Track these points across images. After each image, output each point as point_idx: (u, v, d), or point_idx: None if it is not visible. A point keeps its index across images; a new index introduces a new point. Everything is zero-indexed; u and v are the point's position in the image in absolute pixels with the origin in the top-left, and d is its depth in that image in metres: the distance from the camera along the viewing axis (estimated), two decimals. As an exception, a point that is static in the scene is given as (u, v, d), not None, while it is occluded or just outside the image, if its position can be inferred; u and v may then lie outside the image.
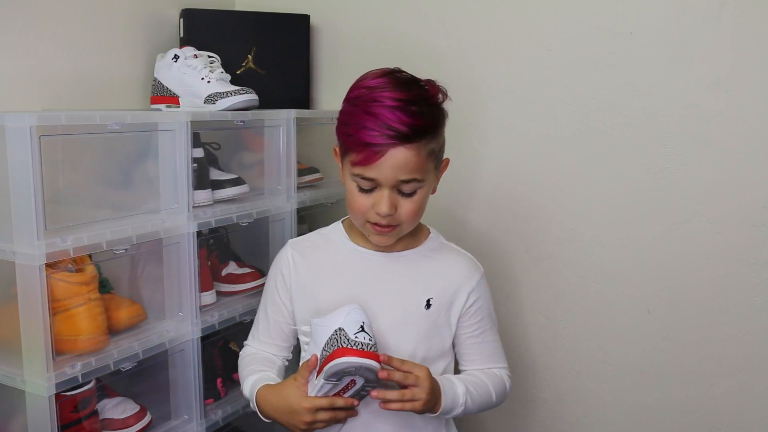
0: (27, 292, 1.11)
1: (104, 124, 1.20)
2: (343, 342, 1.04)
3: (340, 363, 1.02)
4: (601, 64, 1.52)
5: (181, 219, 1.34)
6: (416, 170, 1.09)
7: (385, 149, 1.06)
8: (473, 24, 1.66)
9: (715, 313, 1.48)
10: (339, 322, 1.06)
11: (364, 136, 1.07)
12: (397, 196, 1.11)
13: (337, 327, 1.06)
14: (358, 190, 1.13)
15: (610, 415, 1.62)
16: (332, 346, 1.05)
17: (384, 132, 1.06)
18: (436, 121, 1.12)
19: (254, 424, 1.63)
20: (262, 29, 1.74)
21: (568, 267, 1.62)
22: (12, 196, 1.09)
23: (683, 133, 1.47)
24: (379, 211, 1.11)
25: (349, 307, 1.08)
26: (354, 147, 1.10)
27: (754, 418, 1.47)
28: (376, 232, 1.15)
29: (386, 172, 1.08)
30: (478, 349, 1.24)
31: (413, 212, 1.14)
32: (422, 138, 1.08)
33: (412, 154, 1.08)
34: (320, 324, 1.09)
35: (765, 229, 1.42)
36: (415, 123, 1.06)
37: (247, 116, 1.49)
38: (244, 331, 1.36)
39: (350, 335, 1.04)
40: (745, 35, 1.39)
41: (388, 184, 1.10)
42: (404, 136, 1.06)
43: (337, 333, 1.05)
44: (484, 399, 1.20)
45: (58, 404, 1.15)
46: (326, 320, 1.08)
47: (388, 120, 1.06)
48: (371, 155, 1.07)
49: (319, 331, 1.09)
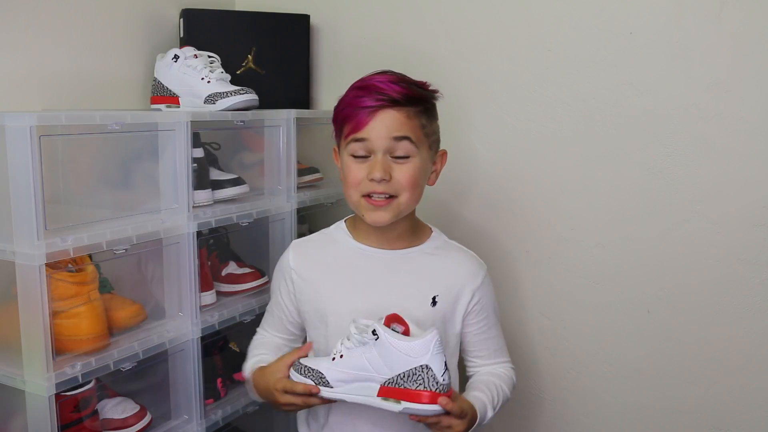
0: (27, 292, 1.11)
1: (104, 124, 1.20)
2: (431, 384, 1.03)
3: (429, 410, 1.03)
4: (601, 64, 1.52)
5: (181, 219, 1.34)
6: (408, 130, 1.14)
7: (376, 111, 1.13)
8: (473, 24, 1.66)
9: (715, 313, 1.48)
10: (424, 353, 1.03)
11: (357, 102, 1.15)
12: (390, 162, 1.15)
13: (424, 363, 1.03)
14: (353, 160, 1.16)
15: (610, 415, 1.62)
16: (415, 383, 1.03)
17: (375, 96, 1.14)
18: (425, 97, 1.19)
19: (254, 424, 1.64)
20: (262, 29, 1.74)
21: (568, 267, 1.62)
22: (12, 196, 1.09)
23: (683, 133, 1.47)
24: (373, 176, 1.13)
25: (431, 336, 1.04)
26: (347, 117, 1.16)
27: (754, 418, 1.47)
28: (372, 207, 1.16)
29: (378, 131, 1.13)
30: (483, 345, 1.26)
31: (409, 178, 1.15)
32: (412, 105, 1.15)
33: (402, 116, 1.14)
34: (393, 343, 1.04)
35: (765, 229, 1.42)
36: (404, 91, 1.14)
37: (247, 116, 1.49)
38: (244, 331, 1.36)
39: (438, 377, 1.03)
40: (745, 35, 1.39)
41: (380, 145, 1.14)
42: (394, 101, 1.14)
43: (424, 370, 1.03)
44: (503, 405, 1.24)
45: (58, 404, 1.15)
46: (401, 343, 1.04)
47: (378, 89, 1.14)
48: (363, 117, 1.13)
49: (393, 352, 1.04)
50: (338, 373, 1.07)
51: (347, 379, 1.07)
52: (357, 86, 1.17)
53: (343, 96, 1.20)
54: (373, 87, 1.14)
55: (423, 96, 1.18)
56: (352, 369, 1.06)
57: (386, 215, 1.16)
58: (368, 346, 1.05)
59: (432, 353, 1.03)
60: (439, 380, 1.03)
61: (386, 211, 1.16)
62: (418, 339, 1.04)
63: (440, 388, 1.03)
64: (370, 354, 1.05)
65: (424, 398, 1.03)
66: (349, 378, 1.06)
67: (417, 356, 1.03)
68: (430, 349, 1.03)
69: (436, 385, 1.03)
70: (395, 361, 1.04)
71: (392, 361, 1.04)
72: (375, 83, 1.15)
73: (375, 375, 1.05)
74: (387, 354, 1.04)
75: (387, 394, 1.04)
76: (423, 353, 1.03)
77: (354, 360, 1.06)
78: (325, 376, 1.07)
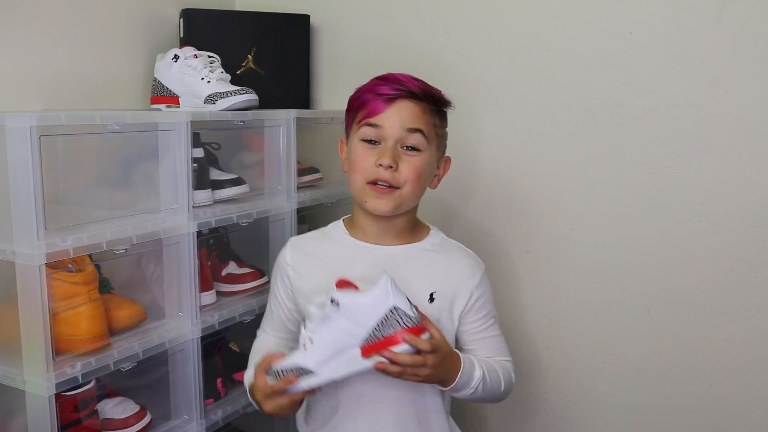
0: (27, 292, 1.11)
1: (104, 124, 1.20)
2: (405, 322, 1.02)
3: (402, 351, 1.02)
4: (601, 64, 1.52)
5: (181, 219, 1.34)
6: (422, 123, 1.17)
7: (394, 99, 1.16)
8: (473, 23, 1.66)
9: (715, 313, 1.48)
10: (386, 296, 1.02)
11: (376, 89, 1.17)
12: (400, 152, 1.16)
13: (390, 306, 1.02)
14: (363, 144, 1.18)
15: (610, 415, 1.62)
16: (392, 327, 1.02)
17: (395, 86, 1.16)
18: (442, 99, 1.22)
19: (254, 424, 1.64)
20: (262, 29, 1.74)
21: (568, 267, 1.62)
22: (12, 196, 1.09)
23: (683, 133, 1.47)
24: (382, 162, 1.15)
25: (385, 278, 1.03)
26: (364, 102, 1.18)
27: (754, 418, 1.47)
28: (375, 194, 1.17)
29: (393, 120, 1.16)
30: (483, 344, 1.25)
31: (414, 171, 1.16)
32: (429, 102, 1.18)
33: (419, 109, 1.17)
34: (355, 302, 1.03)
35: (765, 229, 1.42)
36: (423, 87, 1.18)
37: (247, 116, 1.49)
38: (244, 331, 1.36)
39: (408, 312, 1.03)
40: (745, 35, 1.39)
41: (393, 134, 1.16)
42: (413, 93, 1.16)
43: (394, 313, 1.02)
44: (494, 389, 1.20)
45: (58, 404, 1.15)
46: (362, 298, 1.03)
47: (398, 80, 1.17)
48: (380, 104, 1.16)
49: (358, 310, 1.03)
50: (316, 357, 1.04)
51: (327, 357, 1.04)
52: (377, 77, 1.20)
53: (361, 86, 1.22)
54: (394, 78, 1.18)
55: (440, 97, 1.21)
56: (328, 347, 1.04)
57: (388, 204, 1.17)
58: (332, 318, 1.04)
59: (393, 293, 1.02)
60: (410, 315, 1.03)
61: (388, 199, 1.17)
62: (374, 288, 1.03)
63: (415, 321, 1.03)
64: (338, 323, 1.03)
65: (400, 337, 1.02)
66: (329, 355, 1.04)
67: (381, 302, 1.02)
68: (389, 290, 1.02)
69: (410, 321, 1.02)
70: (364, 318, 1.03)
71: (361, 319, 1.03)
72: (396, 75, 1.18)
73: (351, 340, 1.03)
74: (353, 315, 1.03)
75: (370, 352, 1.03)
76: (385, 297, 1.02)
77: (326, 338, 1.04)
78: (303, 366, 1.05)
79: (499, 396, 1.22)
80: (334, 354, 1.04)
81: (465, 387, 1.13)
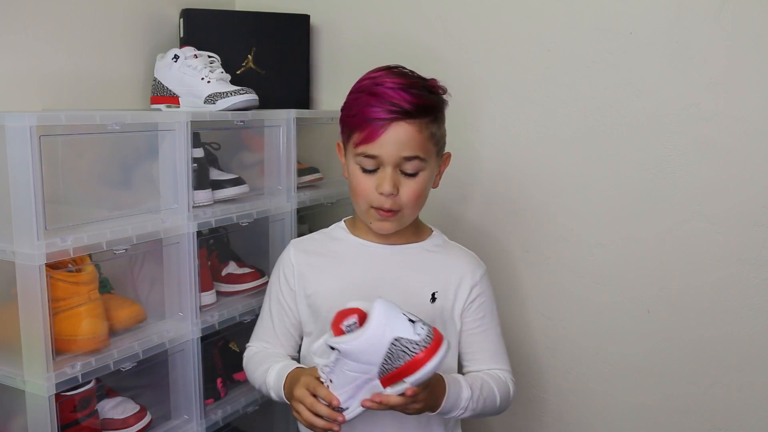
0: (27, 292, 1.11)
1: (104, 124, 1.20)
2: (413, 349, 0.96)
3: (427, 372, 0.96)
4: (601, 64, 1.52)
5: (181, 219, 1.34)
6: (418, 148, 1.13)
7: (388, 124, 1.10)
8: (473, 24, 1.66)
9: (715, 313, 1.48)
10: (383, 330, 0.96)
11: (368, 112, 1.11)
12: (399, 176, 1.14)
13: (391, 339, 0.96)
14: (362, 171, 1.15)
15: (610, 415, 1.62)
16: (401, 359, 0.97)
17: (387, 108, 1.10)
18: (437, 105, 1.17)
19: (254, 424, 1.64)
20: (262, 29, 1.74)
21: (568, 267, 1.62)
22: (12, 196, 1.09)
23: (683, 133, 1.47)
24: (382, 191, 1.13)
25: (376, 307, 0.97)
26: (358, 125, 1.13)
27: (754, 418, 1.47)
28: (379, 217, 1.16)
29: (389, 149, 1.11)
30: (481, 347, 1.24)
31: (415, 194, 1.15)
32: (424, 116, 1.13)
33: (414, 130, 1.12)
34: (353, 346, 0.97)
35: (765, 229, 1.42)
36: (416, 101, 1.11)
37: (247, 116, 1.49)
38: (244, 331, 1.36)
39: (413, 338, 0.96)
40: (745, 35, 1.39)
41: (390, 161, 1.12)
42: (406, 112, 1.10)
43: (396, 344, 0.96)
44: (488, 405, 1.18)
45: (58, 404, 1.15)
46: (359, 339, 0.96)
47: (390, 98, 1.10)
48: (374, 130, 1.11)
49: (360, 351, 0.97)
50: (341, 396, 1.03)
51: (351, 394, 1.03)
52: (368, 91, 1.13)
53: (352, 96, 1.16)
54: (386, 96, 1.11)
55: (434, 105, 1.15)
56: (347, 385, 1.02)
57: (392, 225, 1.18)
58: (340, 362, 1.01)
59: (389, 325, 0.96)
60: (415, 340, 0.97)
61: (392, 222, 1.17)
62: (369, 324, 0.97)
63: (424, 343, 0.97)
64: (347, 366, 1.01)
65: (419, 362, 0.97)
66: (352, 392, 1.03)
67: (380, 338, 0.97)
68: (384, 321, 0.96)
69: (417, 347, 0.97)
70: (369, 357, 0.99)
71: (367, 358, 0.99)
72: (387, 91, 1.11)
73: (367, 376, 1.01)
74: (357, 356, 0.99)
75: (389, 383, 1.00)
76: (382, 332, 0.96)
77: (341, 379, 1.02)
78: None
79: (495, 410, 1.21)
80: (356, 390, 1.03)
81: (453, 409, 1.12)
